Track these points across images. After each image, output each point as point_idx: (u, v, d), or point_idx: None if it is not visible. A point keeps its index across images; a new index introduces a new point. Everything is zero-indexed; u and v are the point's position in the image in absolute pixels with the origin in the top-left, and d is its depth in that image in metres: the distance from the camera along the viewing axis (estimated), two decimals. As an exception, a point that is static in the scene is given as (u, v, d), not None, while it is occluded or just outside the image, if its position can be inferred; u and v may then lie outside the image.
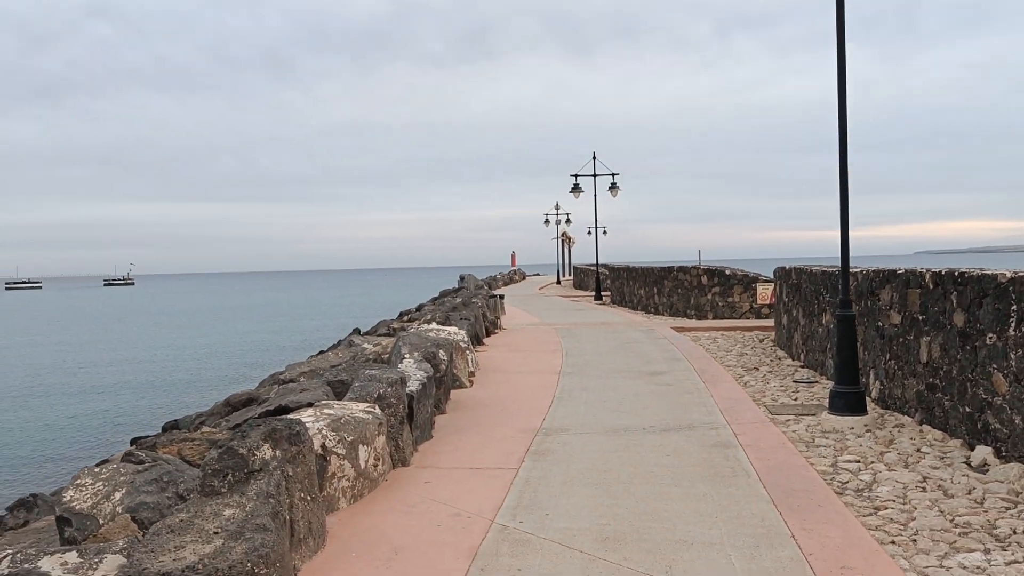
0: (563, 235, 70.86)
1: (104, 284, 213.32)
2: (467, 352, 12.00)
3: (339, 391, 8.75)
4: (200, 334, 50.94)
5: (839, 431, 8.04)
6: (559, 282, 59.45)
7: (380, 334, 17.91)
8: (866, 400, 8.67)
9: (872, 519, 5.46)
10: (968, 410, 7.18)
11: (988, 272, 6.96)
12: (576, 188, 35.28)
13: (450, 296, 28.20)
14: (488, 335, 18.00)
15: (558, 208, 60.92)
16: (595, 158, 34.85)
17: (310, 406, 6.71)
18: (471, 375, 11.69)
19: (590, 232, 65.49)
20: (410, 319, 21.19)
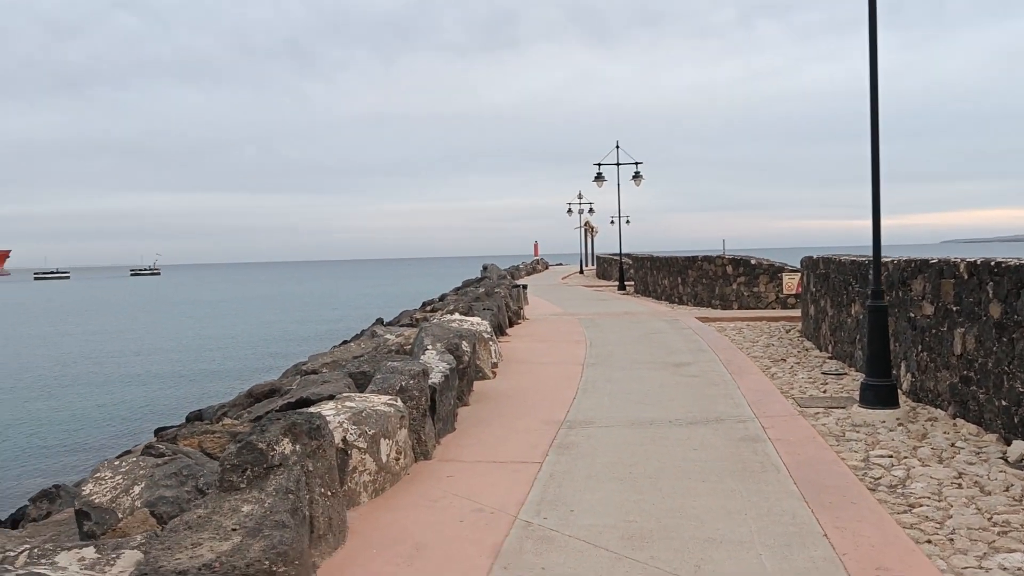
0: (586, 224, 70.55)
1: (131, 274, 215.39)
2: (490, 343, 11.90)
3: (361, 383, 8.67)
4: (225, 324, 51.24)
5: (870, 424, 7.86)
6: (582, 272, 59.18)
7: (403, 324, 17.85)
8: (898, 393, 8.48)
9: (907, 517, 5.30)
10: (1004, 404, 6.97)
11: (1027, 262, 6.76)
12: (599, 177, 35.09)
13: (473, 286, 28.10)
14: (511, 325, 17.88)
15: (581, 197, 60.64)
16: (618, 147, 34.58)
17: (331, 399, 6.64)
18: (494, 366, 11.59)
19: (613, 221, 65.20)
20: (433, 309, 21.11)
